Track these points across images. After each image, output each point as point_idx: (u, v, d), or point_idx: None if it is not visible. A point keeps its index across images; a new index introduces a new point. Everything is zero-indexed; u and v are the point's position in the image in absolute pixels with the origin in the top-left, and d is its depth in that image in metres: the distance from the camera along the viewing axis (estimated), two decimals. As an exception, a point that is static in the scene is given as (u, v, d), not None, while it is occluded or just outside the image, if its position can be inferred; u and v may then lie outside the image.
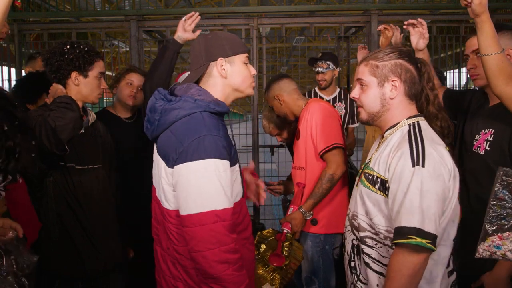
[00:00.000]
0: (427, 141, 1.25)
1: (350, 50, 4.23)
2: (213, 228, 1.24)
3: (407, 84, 1.33)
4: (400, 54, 1.34)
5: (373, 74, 1.35)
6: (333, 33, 7.90)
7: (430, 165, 1.20)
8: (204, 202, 1.24)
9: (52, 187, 1.82)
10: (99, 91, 1.90)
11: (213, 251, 1.23)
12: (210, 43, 1.42)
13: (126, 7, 8.79)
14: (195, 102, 1.34)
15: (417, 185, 1.18)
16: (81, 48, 1.82)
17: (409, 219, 1.17)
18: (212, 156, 1.26)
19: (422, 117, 1.37)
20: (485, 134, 1.64)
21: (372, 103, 1.36)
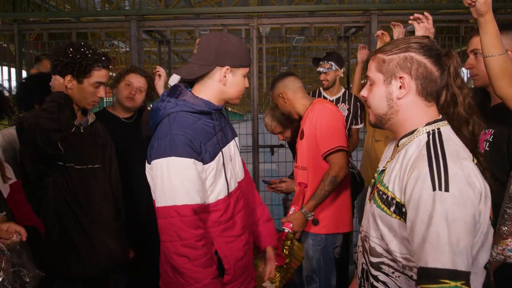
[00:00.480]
0: (450, 157, 1.02)
1: (350, 50, 4.23)
2: (172, 222, 1.33)
3: (419, 81, 1.10)
4: (412, 45, 1.11)
5: (379, 70, 1.14)
6: (333, 33, 7.90)
7: (456, 188, 0.97)
8: (166, 197, 1.35)
9: (52, 187, 1.82)
10: (93, 99, 1.85)
11: (173, 244, 1.34)
12: (223, 47, 1.42)
13: (126, 7, 8.79)
14: (175, 103, 1.43)
15: (442, 214, 0.96)
16: (83, 53, 1.76)
17: (438, 258, 0.96)
18: (173, 155, 1.34)
19: (444, 121, 1.13)
20: (485, 134, 1.63)
21: (378, 104, 1.16)
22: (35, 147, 1.70)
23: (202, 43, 1.46)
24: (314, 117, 2.18)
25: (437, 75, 1.10)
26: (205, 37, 1.48)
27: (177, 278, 1.38)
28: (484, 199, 1.02)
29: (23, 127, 1.75)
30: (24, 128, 1.74)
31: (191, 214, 1.34)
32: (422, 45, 1.11)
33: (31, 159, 1.77)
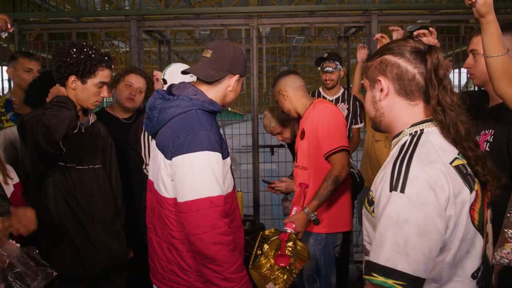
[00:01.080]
0: (417, 159, 1.00)
1: (350, 50, 4.23)
2: (207, 213, 1.39)
3: (396, 82, 1.09)
4: (388, 48, 1.12)
5: (366, 77, 1.20)
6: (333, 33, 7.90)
7: (413, 191, 0.96)
8: (199, 190, 1.39)
9: (52, 187, 1.82)
10: (96, 99, 1.85)
11: (208, 234, 1.38)
12: (237, 57, 1.56)
13: (126, 7, 8.79)
14: (190, 101, 1.49)
15: (391, 214, 0.96)
16: (87, 54, 1.75)
17: (376, 253, 0.97)
18: (206, 149, 1.41)
19: (430, 122, 1.09)
20: (485, 135, 1.63)
21: (369, 108, 1.19)
22: (37, 147, 1.70)
23: (216, 49, 1.55)
24: (316, 117, 2.18)
25: (414, 72, 1.07)
26: (219, 45, 1.56)
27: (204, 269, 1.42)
28: (455, 202, 0.98)
29: (25, 127, 1.75)
30: (25, 127, 1.74)
31: (223, 204, 1.43)
32: (397, 46, 1.10)
33: (32, 159, 1.77)
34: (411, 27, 6.20)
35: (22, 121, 1.79)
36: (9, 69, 2.63)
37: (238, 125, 7.64)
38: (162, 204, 1.53)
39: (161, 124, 1.51)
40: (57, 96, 1.74)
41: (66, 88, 1.81)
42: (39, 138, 1.66)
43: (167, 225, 1.52)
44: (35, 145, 1.71)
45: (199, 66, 1.58)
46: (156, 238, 1.58)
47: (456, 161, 1.03)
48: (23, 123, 1.77)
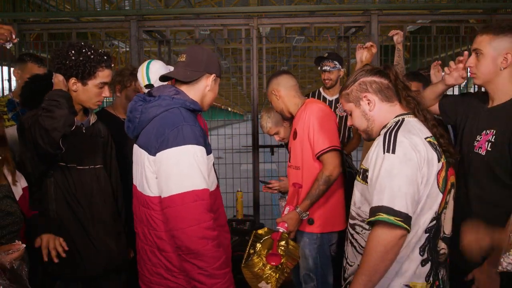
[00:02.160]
0: (401, 132, 1.36)
1: (350, 50, 4.23)
2: (193, 206, 1.38)
3: (378, 92, 1.48)
4: (359, 75, 1.51)
5: (349, 101, 1.54)
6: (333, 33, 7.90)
7: (401, 151, 1.31)
8: (185, 183, 1.39)
9: (53, 187, 1.82)
10: (98, 99, 1.84)
11: (194, 228, 1.37)
12: (211, 58, 1.62)
13: (126, 7, 8.79)
14: (172, 100, 1.52)
15: (387, 168, 1.30)
16: (86, 55, 1.74)
17: (379, 198, 1.28)
18: (190, 142, 1.42)
19: (410, 114, 1.48)
20: (487, 135, 1.63)
21: (360, 122, 1.53)
22: (36, 147, 1.70)
23: (191, 53, 1.61)
24: (307, 117, 2.20)
25: (386, 82, 1.49)
26: (192, 49, 1.64)
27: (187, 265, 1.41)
28: (427, 164, 1.32)
29: (24, 127, 1.75)
30: (24, 128, 1.74)
31: (208, 198, 1.43)
32: (365, 71, 1.52)
33: (31, 159, 1.77)
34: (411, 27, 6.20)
35: (22, 121, 1.78)
36: (16, 71, 2.61)
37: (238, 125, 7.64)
38: (146, 205, 1.52)
39: (144, 125, 1.53)
40: (50, 93, 1.69)
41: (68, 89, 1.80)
42: (38, 138, 1.65)
43: (152, 226, 1.51)
44: (34, 145, 1.70)
45: (176, 69, 1.62)
46: (140, 243, 1.60)
47: (429, 138, 1.40)
48: (22, 123, 1.76)
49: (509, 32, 1.58)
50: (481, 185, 1.63)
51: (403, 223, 1.24)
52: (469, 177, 1.68)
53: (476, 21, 5.17)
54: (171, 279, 1.50)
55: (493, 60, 1.61)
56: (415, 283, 1.35)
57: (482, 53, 1.62)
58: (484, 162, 1.61)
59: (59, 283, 1.87)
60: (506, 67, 1.60)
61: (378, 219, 1.26)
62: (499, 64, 1.60)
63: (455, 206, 1.75)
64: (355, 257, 1.49)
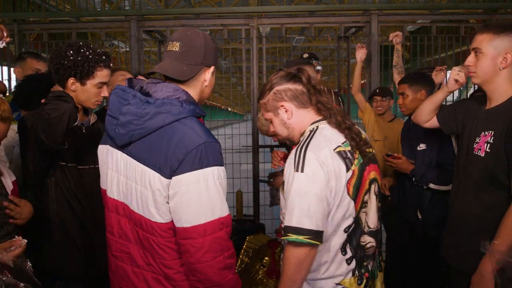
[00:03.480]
0: (311, 147, 1.37)
1: (350, 50, 4.23)
2: (220, 236, 1.23)
3: (294, 100, 1.47)
4: (273, 82, 1.48)
5: (267, 110, 1.52)
6: (333, 33, 7.90)
7: (309, 169, 1.33)
8: (209, 212, 1.21)
9: (53, 187, 1.82)
10: (97, 99, 1.83)
11: (219, 259, 1.23)
12: (209, 47, 1.34)
13: (126, 7, 8.79)
14: (182, 107, 1.26)
15: (296, 188, 1.33)
16: (84, 55, 1.72)
17: (289, 218, 1.33)
18: (215, 164, 1.23)
19: (323, 120, 1.47)
20: (485, 136, 1.63)
21: (280, 130, 1.54)
22: (39, 144, 1.70)
23: (185, 40, 1.32)
24: None
25: (300, 88, 1.47)
26: (186, 34, 1.33)
27: None
28: (336, 177, 1.35)
29: (25, 126, 1.75)
30: (26, 126, 1.74)
31: (230, 223, 1.28)
32: (279, 77, 1.48)
33: (33, 158, 1.77)
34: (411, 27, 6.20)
35: (23, 120, 1.79)
36: (17, 69, 2.67)
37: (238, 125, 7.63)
38: (151, 231, 1.28)
39: (145, 133, 1.25)
40: (53, 91, 1.72)
41: (66, 90, 1.80)
42: (40, 134, 1.65)
43: (159, 254, 1.28)
44: (36, 143, 1.70)
45: (168, 63, 1.32)
46: (133, 269, 1.34)
47: (339, 148, 1.39)
48: (24, 122, 1.77)
49: (510, 31, 1.58)
50: (481, 187, 1.63)
51: (312, 239, 1.31)
52: (469, 178, 1.68)
53: (476, 21, 5.17)
54: None
55: (493, 60, 1.60)
56: (344, 280, 1.44)
57: (482, 52, 1.61)
58: (483, 163, 1.61)
59: (59, 283, 1.87)
60: (505, 67, 1.59)
61: (288, 240, 1.32)
62: (498, 63, 1.59)
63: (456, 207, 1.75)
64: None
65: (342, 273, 1.43)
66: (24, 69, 2.60)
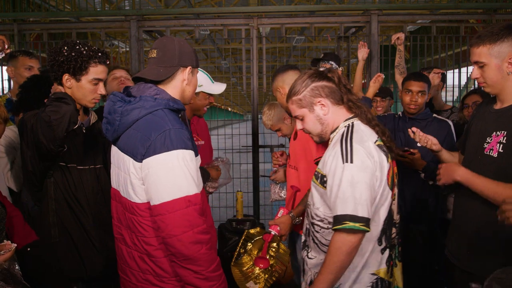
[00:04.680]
0: (355, 140, 1.46)
1: (350, 50, 4.23)
2: (186, 213, 1.36)
3: (330, 96, 1.55)
4: (311, 78, 1.56)
5: (301, 106, 1.58)
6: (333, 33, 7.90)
7: (358, 159, 1.42)
8: (176, 189, 1.36)
9: (53, 188, 1.82)
10: (93, 96, 1.81)
11: (188, 234, 1.36)
12: (184, 49, 1.52)
13: (126, 7, 8.79)
14: (155, 101, 1.44)
15: (348, 178, 1.40)
16: (79, 51, 1.72)
17: (344, 207, 1.40)
18: (179, 147, 1.37)
19: (356, 117, 1.57)
20: (497, 136, 1.59)
21: (314, 127, 1.59)
22: (38, 146, 1.70)
23: (161, 47, 1.52)
24: None
25: (334, 86, 1.56)
26: (162, 42, 1.53)
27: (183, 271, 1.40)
28: (380, 169, 1.45)
29: (25, 126, 1.75)
30: (26, 127, 1.73)
31: (200, 202, 1.41)
32: (315, 75, 1.57)
33: (32, 158, 1.77)
34: (411, 27, 6.20)
35: (23, 121, 1.78)
36: (9, 68, 2.64)
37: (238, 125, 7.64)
38: (133, 211, 1.46)
39: (125, 127, 1.45)
40: (55, 93, 1.72)
41: (64, 88, 1.80)
42: (40, 136, 1.65)
43: (140, 233, 1.46)
44: (35, 144, 1.70)
45: (148, 68, 1.53)
46: (126, 249, 1.53)
47: (377, 141, 1.51)
48: (24, 123, 1.76)
49: (504, 36, 1.54)
50: None
51: (365, 226, 1.38)
52: None
53: (476, 21, 5.17)
54: (160, 285, 1.47)
55: (498, 68, 1.57)
56: (379, 270, 1.52)
57: (485, 64, 1.58)
58: (496, 164, 1.57)
59: (60, 283, 1.86)
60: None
61: (345, 227, 1.38)
62: (505, 69, 1.57)
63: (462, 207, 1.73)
64: (317, 253, 1.59)
65: (378, 262, 1.51)
66: (16, 67, 2.60)
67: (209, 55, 13.65)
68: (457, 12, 4.17)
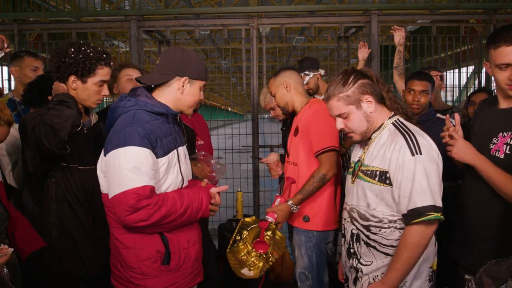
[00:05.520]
0: (415, 132, 1.49)
1: (350, 50, 4.23)
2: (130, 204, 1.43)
3: (374, 94, 1.56)
4: (356, 76, 1.55)
5: (349, 103, 1.55)
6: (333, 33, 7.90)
7: (425, 151, 1.43)
8: (126, 182, 1.43)
9: (54, 188, 1.82)
10: (97, 98, 1.84)
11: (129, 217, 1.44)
12: (185, 60, 1.60)
13: (126, 7, 8.79)
14: (135, 102, 1.56)
15: (421, 169, 1.40)
16: (86, 53, 1.74)
17: (423, 199, 1.40)
18: (132, 144, 1.45)
19: (398, 115, 1.59)
20: (504, 137, 1.57)
21: (360, 125, 1.57)
22: (40, 148, 1.69)
23: (164, 55, 1.63)
24: (311, 116, 2.22)
25: (375, 85, 1.57)
26: (168, 50, 1.65)
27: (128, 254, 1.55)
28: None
29: (26, 127, 1.75)
30: (27, 128, 1.73)
31: (146, 194, 1.45)
32: (358, 72, 1.56)
33: (33, 159, 1.77)
34: (411, 27, 6.20)
35: (24, 122, 1.78)
36: (14, 68, 2.63)
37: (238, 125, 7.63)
38: (103, 202, 1.61)
39: (112, 123, 1.57)
40: (57, 95, 1.72)
41: (67, 87, 1.81)
42: (42, 138, 1.65)
43: (108, 221, 1.61)
44: (37, 146, 1.70)
45: (149, 74, 1.65)
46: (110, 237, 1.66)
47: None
48: (25, 124, 1.76)
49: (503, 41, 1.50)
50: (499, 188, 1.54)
51: (442, 215, 1.40)
52: (482, 180, 1.58)
53: (476, 21, 5.17)
54: (122, 272, 1.60)
55: None
56: (433, 262, 1.55)
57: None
58: (502, 165, 1.53)
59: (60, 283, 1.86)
60: None
61: (430, 219, 1.39)
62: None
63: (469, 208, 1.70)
64: (373, 256, 1.56)
65: (433, 255, 1.55)
66: (22, 67, 2.60)
67: (209, 55, 13.65)
68: (457, 12, 4.17)
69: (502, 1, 4.07)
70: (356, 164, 1.66)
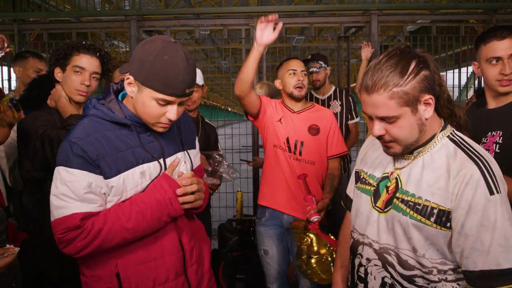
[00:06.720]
0: (487, 157, 1.04)
1: (350, 50, 4.23)
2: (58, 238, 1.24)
3: (433, 93, 1.06)
4: (419, 64, 1.04)
5: (405, 104, 1.03)
6: (333, 33, 7.90)
7: (503, 187, 1.02)
8: (52, 211, 1.22)
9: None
10: (76, 87, 1.76)
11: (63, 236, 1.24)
12: (141, 54, 1.20)
13: (126, 7, 8.79)
14: (93, 108, 1.30)
15: (505, 215, 0.99)
16: (67, 43, 1.77)
17: (507, 257, 0.98)
18: (60, 164, 1.22)
19: (449, 125, 1.16)
20: (493, 136, 1.58)
21: (409, 134, 1.08)
22: (44, 162, 1.69)
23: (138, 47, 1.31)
24: (330, 118, 2.33)
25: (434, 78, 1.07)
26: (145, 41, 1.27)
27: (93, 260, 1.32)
28: None
29: (27, 135, 1.74)
30: (30, 139, 1.73)
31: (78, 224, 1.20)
32: (421, 58, 1.06)
33: (32, 163, 1.77)
34: (411, 27, 6.20)
35: (26, 128, 1.77)
36: (17, 68, 2.64)
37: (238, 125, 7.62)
38: None
39: None
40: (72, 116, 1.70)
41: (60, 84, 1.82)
42: (49, 156, 1.65)
43: None
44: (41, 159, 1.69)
45: None
46: None
47: None
48: (28, 132, 1.75)
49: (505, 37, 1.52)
50: None
51: None
52: None
53: (476, 21, 5.17)
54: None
55: None
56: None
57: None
58: None
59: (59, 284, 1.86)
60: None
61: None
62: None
63: None
64: None
65: None
66: (26, 68, 2.61)
67: (209, 55, 13.65)
68: (457, 12, 4.17)
69: (502, 1, 4.07)
70: (382, 184, 1.18)
